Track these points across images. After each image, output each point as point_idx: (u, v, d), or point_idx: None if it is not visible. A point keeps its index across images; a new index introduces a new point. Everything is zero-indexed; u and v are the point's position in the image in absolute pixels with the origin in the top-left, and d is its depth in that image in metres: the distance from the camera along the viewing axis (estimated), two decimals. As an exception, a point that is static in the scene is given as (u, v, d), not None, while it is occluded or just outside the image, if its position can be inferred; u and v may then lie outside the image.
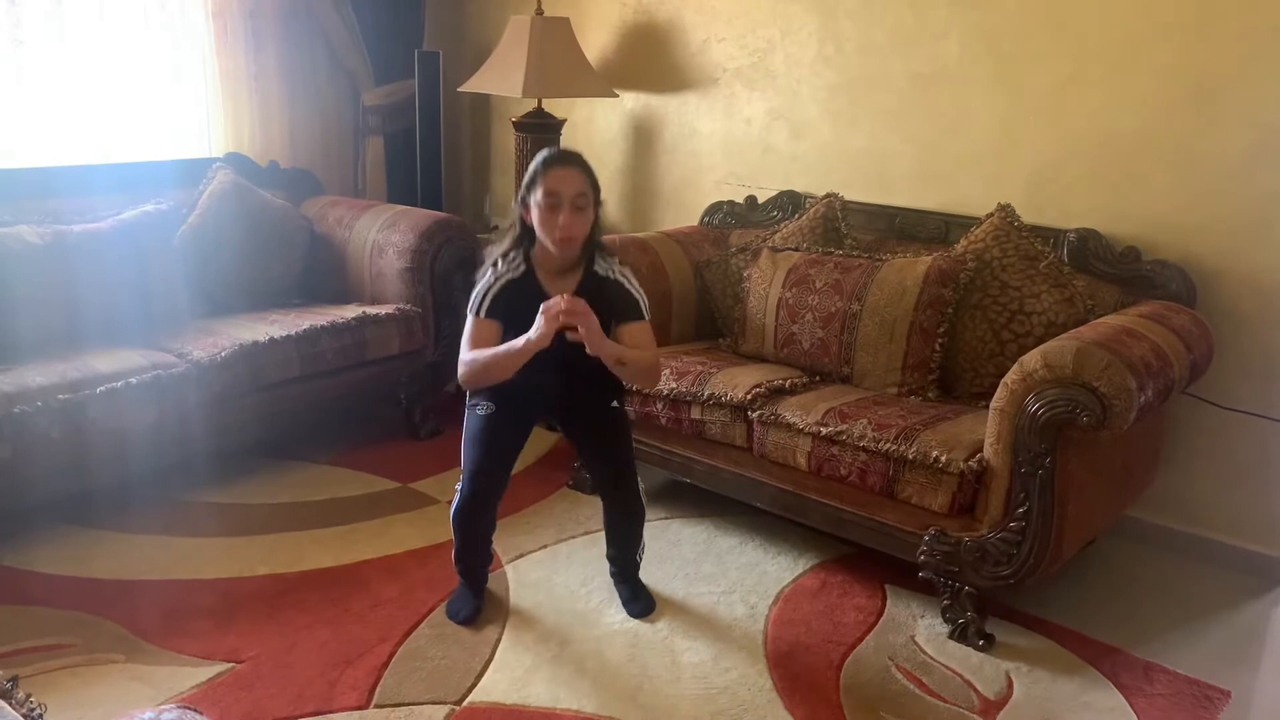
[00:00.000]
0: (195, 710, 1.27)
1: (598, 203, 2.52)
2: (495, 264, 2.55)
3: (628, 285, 2.57)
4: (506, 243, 2.59)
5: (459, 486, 2.66)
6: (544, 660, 2.53)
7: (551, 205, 2.43)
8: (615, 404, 2.72)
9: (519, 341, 2.41)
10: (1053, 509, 2.48)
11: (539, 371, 2.51)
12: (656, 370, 2.66)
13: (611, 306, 2.55)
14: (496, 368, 2.46)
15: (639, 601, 2.77)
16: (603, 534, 2.93)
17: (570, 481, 3.48)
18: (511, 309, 2.50)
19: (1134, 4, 3.03)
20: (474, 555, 2.74)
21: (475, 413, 2.64)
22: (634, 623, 2.70)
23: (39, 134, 3.71)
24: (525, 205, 2.51)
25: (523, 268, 2.53)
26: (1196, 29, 2.93)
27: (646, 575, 2.87)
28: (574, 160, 2.50)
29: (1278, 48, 2.82)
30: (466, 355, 2.52)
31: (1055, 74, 3.19)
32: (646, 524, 2.82)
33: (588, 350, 2.42)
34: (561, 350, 2.50)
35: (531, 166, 2.50)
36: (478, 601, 2.73)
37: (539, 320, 2.40)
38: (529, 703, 2.36)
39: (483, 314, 2.52)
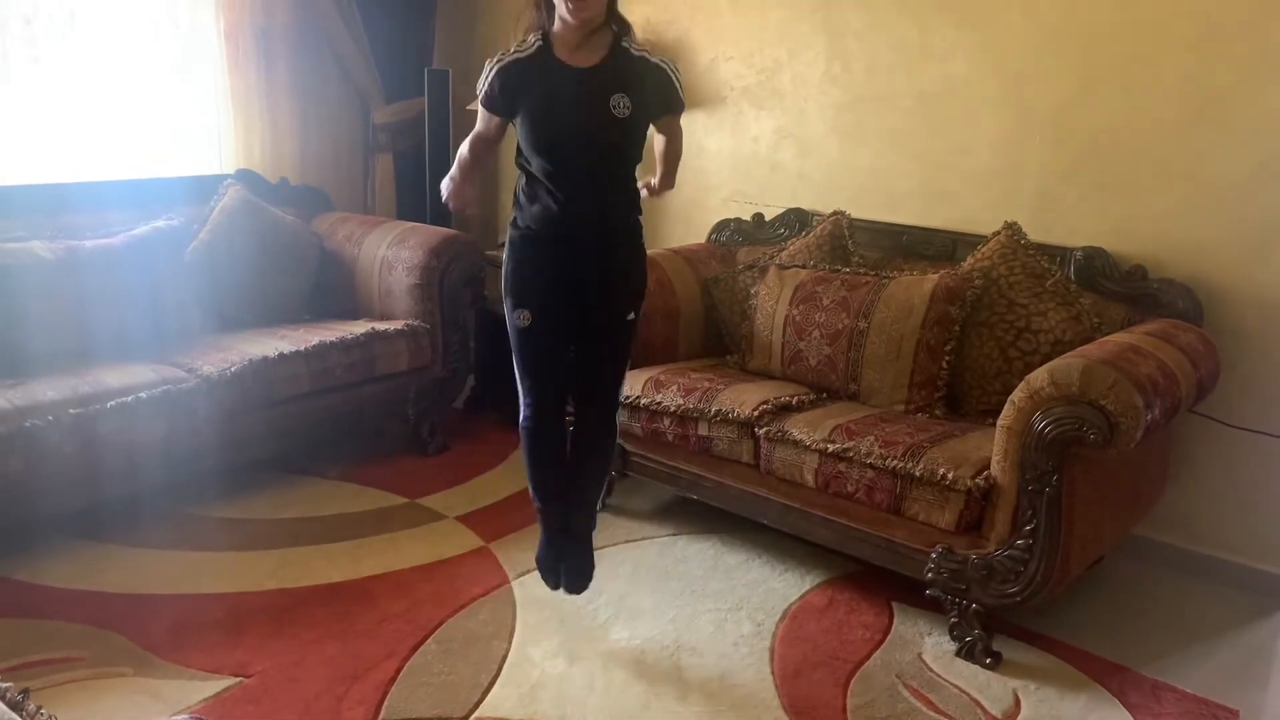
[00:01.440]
0: (207, 722, 1.28)
1: None
2: (503, 52, 2.44)
3: (667, 69, 2.43)
4: (524, 24, 2.45)
5: (523, 404, 2.59)
6: (550, 676, 2.53)
7: None
8: (631, 315, 2.60)
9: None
10: (1060, 527, 2.48)
11: (579, 208, 2.43)
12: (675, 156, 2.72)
13: (649, 89, 2.42)
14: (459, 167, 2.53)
15: (577, 563, 2.63)
16: (610, 550, 2.93)
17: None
18: (519, 91, 2.40)
19: (1140, 23, 3.04)
20: (550, 481, 2.64)
21: (515, 324, 2.55)
22: (640, 639, 2.70)
23: (52, 150, 3.75)
24: None
25: (537, 44, 2.40)
26: (1203, 48, 2.94)
27: (653, 592, 2.88)
28: None
29: (1283, 68, 2.84)
30: (463, 147, 2.56)
31: (1061, 92, 3.20)
32: (652, 540, 2.81)
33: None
34: (600, 160, 2.43)
35: None
36: (559, 561, 2.63)
37: (450, 183, 2.58)
38: (535, 719, 2.36)
39: (480, 103, 2.44)
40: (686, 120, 4.09)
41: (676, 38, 4.12)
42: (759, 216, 3.88)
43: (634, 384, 3.18)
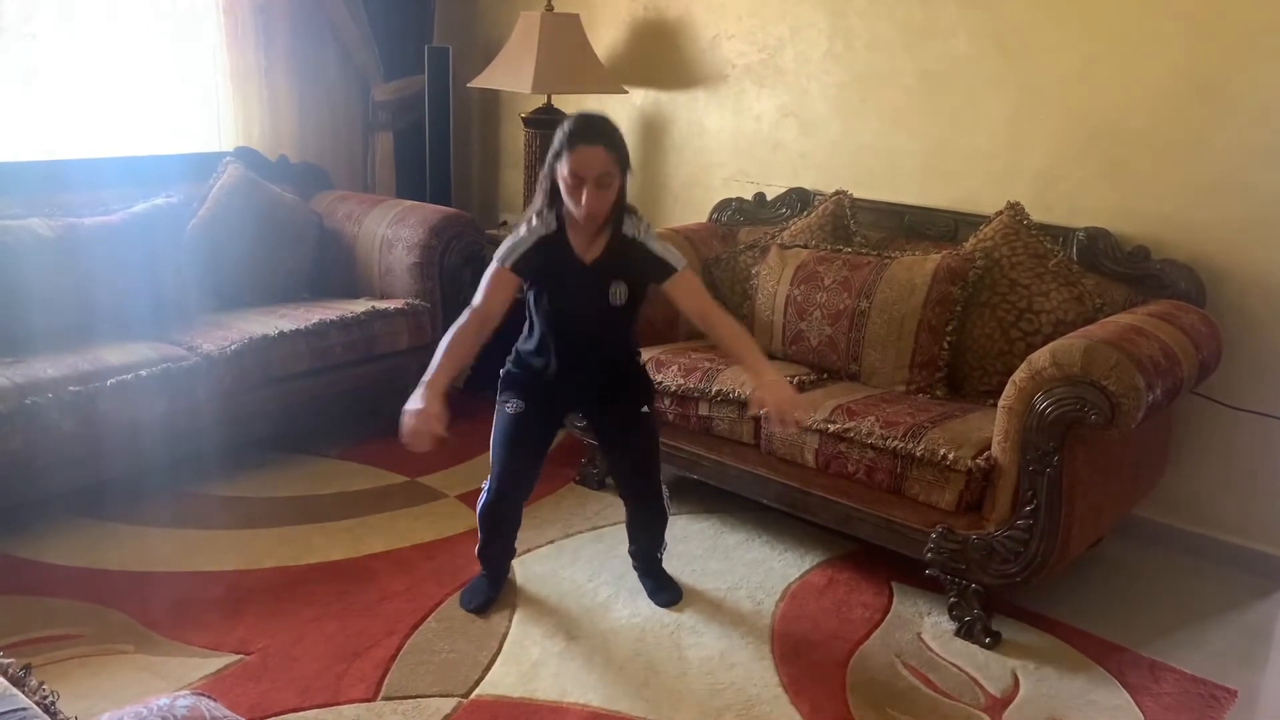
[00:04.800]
0: (209, 697, 1.28)
1: (625, 172, 2.45)
2: (530, 220, 2.51)
3: (649, 245, 2.51)
4: (540, 199, 2.53)
5: (485, 485, 2.68)
6: (551, 654, 2.53)
7: (576, 184, 2.38)
8: (645, 409, 2.70)
9: (425, 384, 2.47)
10: (1060, 507, 2.48)
11: (577, 362, 2.57)
12: (737, 325, 2.63)
13: (640, 270, 2.51)
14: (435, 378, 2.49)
15: (665, 593, 2.79)
16: (610, 529, 2.92)
17: (577, 477, 3.49)
18: (538, 266, 2.50)
19: (1144, 1, 3.02)
20: (498, 549, 2.77)
21: (504, 410, 2.63)
22: (640, 617, 2.71)
23: (50, 127, 3.73)
24: (553, 170, 2.44)
25: (554, 225, 2.49)
26: (1207, 26, 2.92)
27: (653, 570, 2.88)
28: (599, 138, 2.39)
29: (1289, 47, 2.82)
30: (463, 316, 2.55)
31: (1065, 71, 3.18)
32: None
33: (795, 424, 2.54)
34: (598, 333, 2.55)
35: (559, 136, 2.41)
36: (492, 593, 2.75)
37: (412, 420, 2.45)
38: (536, 696, 2.37)
39: (506, 265, 2.49)
40: (688, 99, 4.12)
41: (678, 15, 4.09)
42: (760, 196, 3.86)
43: (634, 363, 3.17)
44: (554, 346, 2.57)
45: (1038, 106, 3.25)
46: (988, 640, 2.63)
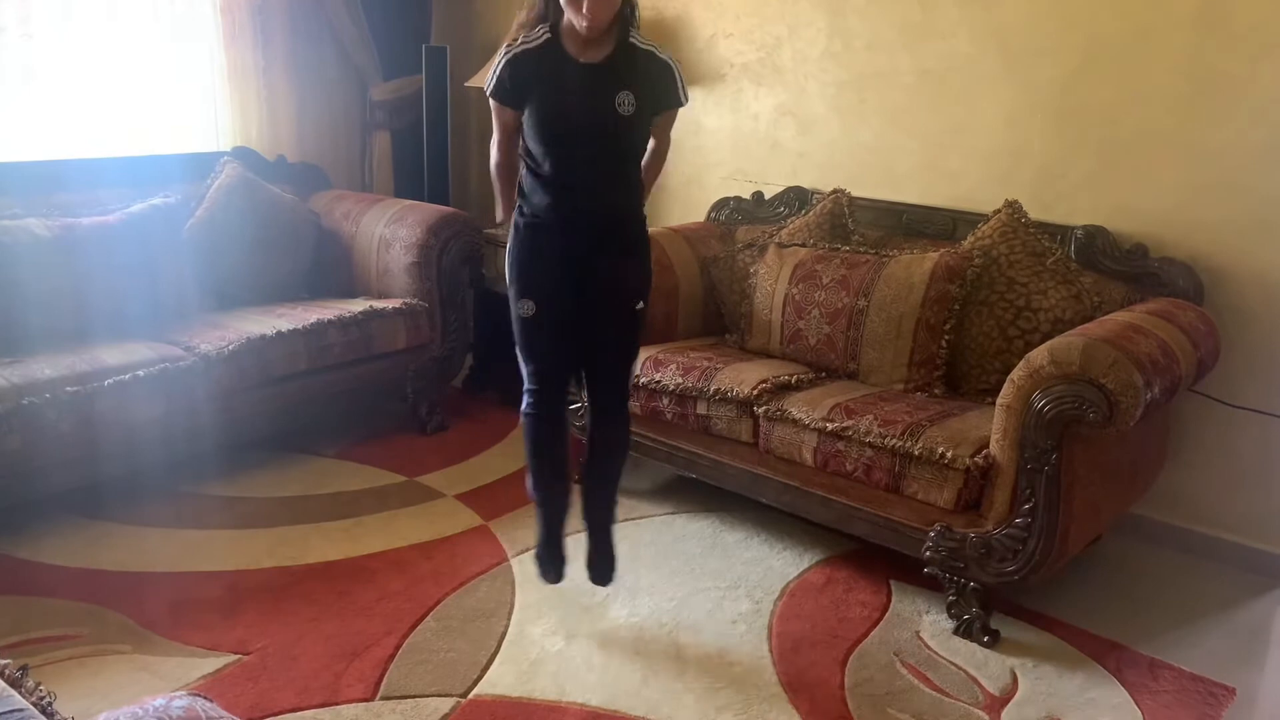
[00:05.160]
0: (205, 697, 1.28)
1: None
2: (511, 41, 2.40)
3: (674, 70, 2.42)
4: (536, 11, 2.41)
5: (525, 390, 2.58)
6: (549, 654, 2.53)
7: None
8: (640, 305, 2.58)
9: (505, 216, 2.59)
10: (1058, 505, 2.48)
11: (579, 192, 2.43)
12: (659, 164, 2.67)
13: (655, 87, 2.42)
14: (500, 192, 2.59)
15: (600, 563, 2.70)
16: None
17: (577, 476, 3.48)
18: (527, 83, 2.39)
19: (1144, 1, 3.02)
20: (550, 472, 2.66)
21: (519, 313, 2.52)
22: (639, 617, 2.71)
23: (48, 127, 3.72)
24: None
25: (545, 36, 2.37)
26: (1206, 25, 2.92)
27: (651, 570, 2.88)
28: None
29: (1287, 45, 2.82)
30: (493, 152, 2.58)
31: (1064, 70, 3.18)
32: (650, 519, 2.81)
33: None
34: (602, 150, 2.42)
35: None
36: (555, 551, 2.67)
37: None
38: (534, 696, 2.37)
39: (490, 94, 2.43)
40: (686, 98, 4.11)
41: (676, 14, 4.09)
42: (758, 195, 3.86)
43: (633, 363, 3.17)
44: (553, 172, 2.41)
45: (1036, 105, 3.25)
46: (986, 639, 2.63)
